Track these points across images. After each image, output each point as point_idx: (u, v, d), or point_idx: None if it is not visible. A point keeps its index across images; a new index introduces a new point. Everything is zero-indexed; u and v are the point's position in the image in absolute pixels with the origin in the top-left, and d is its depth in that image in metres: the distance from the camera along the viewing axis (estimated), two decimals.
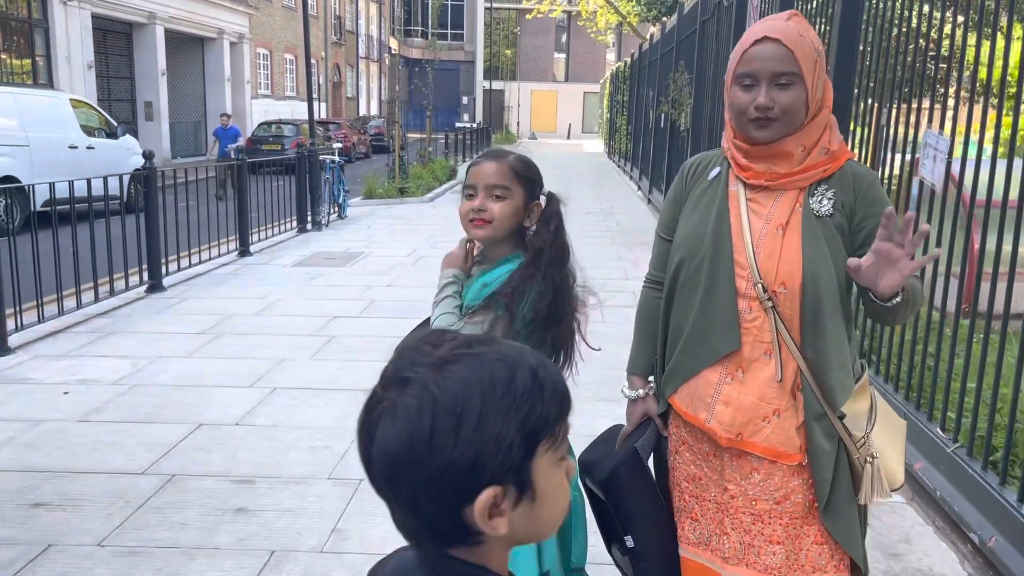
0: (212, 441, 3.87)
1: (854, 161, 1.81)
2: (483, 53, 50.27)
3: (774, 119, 1.72)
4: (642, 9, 22.89)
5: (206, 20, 23.97)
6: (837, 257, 1.74)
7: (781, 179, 1.77)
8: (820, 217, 1.75)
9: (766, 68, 1.71)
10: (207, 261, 8.04)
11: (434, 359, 0.83)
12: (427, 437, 0.79)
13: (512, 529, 0.83)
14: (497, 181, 1.90)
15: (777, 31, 1.72)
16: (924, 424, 3.36)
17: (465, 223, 1.92)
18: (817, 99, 1.74)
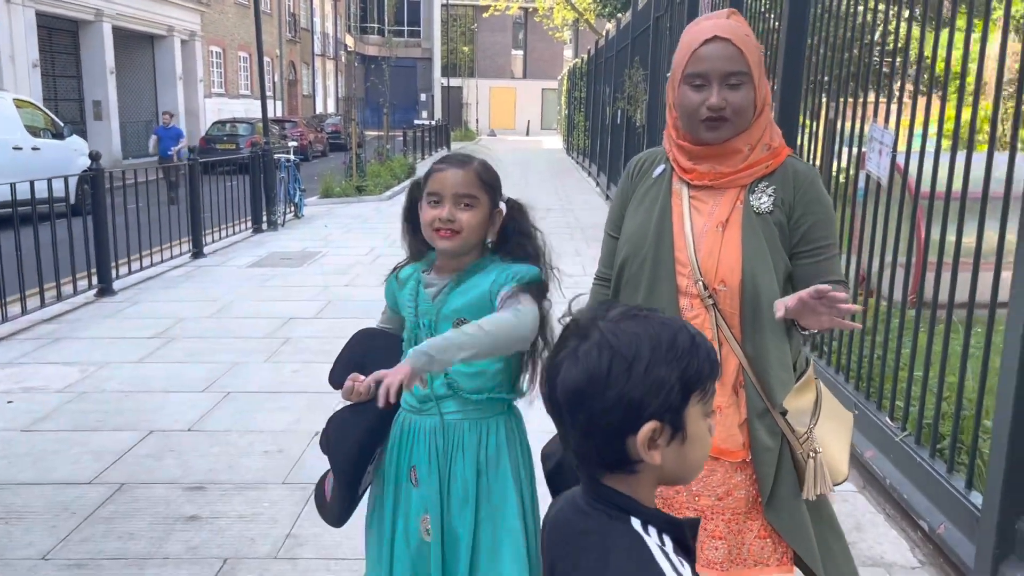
0: (163, 448, 3.79)
1: (794, 157, 1.82)
2: (440, 50, 50.04)
3: (727, 119, 1.72)
4: (597, 5, 22.96)
5: (156, 17, 23.51)
6: (776, 254, 1.76)
7: (725, 178, 1.78)
8: (760, 214, 1.76)
9: (717, 68, 1.71)
10: (159, 263, 7.89)
11: (611, 317, 1.03)
12: (604, 375, 0.98)
13: (663, 463, 1.01)
14: (465, 190, 1.81)
15: (725, 30, 1.72)
16: (874, 413, 3.42)
17: (430, 233, 1.83)
18: (761, 97, 1.76)
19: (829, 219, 1.80)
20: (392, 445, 1.91)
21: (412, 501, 1.87)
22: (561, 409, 1.02)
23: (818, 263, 1.78)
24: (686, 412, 1.00)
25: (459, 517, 1.84)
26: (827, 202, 1.80)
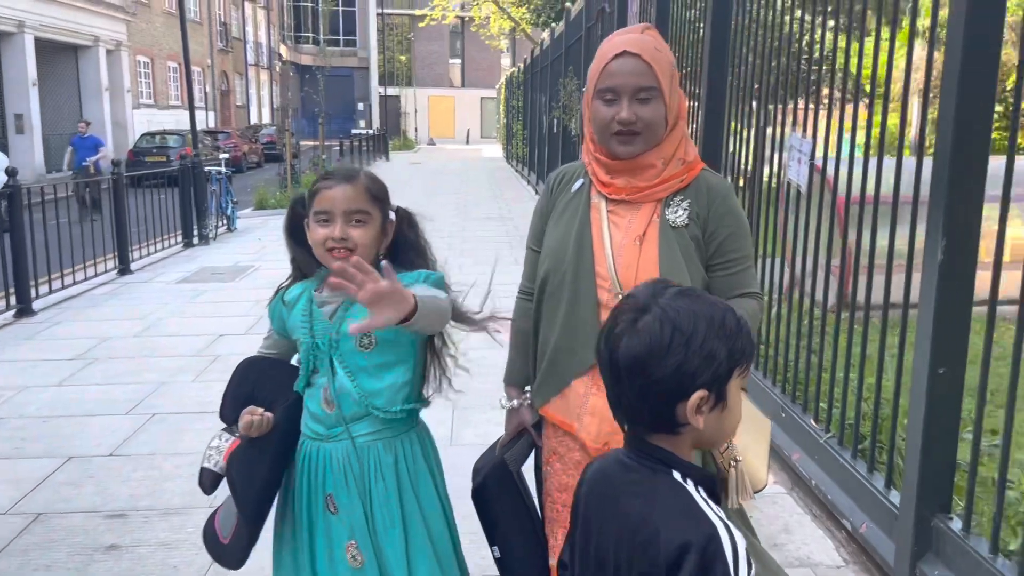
0: (83, 474, 3.65)
1: (708, 171, 1.85)
2: (377, 59, 49.76)
3: (637, 133, 1.74)
4: (532, 15, 23.12)
5: (80, 28, 22.85)
6: (692, 266, 1.78)
7: (641, 192, 1.80)
8: (676, 228, 1.78)
9: (627, 83, 1.72)
10: (83, 281, 7.63)
11: (668, 295, 1.17)
12: (665, 346, 1.12)
13: (704, 427, 1.16)
14: (356, 206, 1.75)
15: (636, 45, 1.74)
16: (800, 416, 3.49)
17: (321, 252, 1.76)
18: (674, 112, 1.78)
19: (742, 232, 1.82)
20: (300, 475, 1.85)
21: (333, 529, 1.81)
22: (620, 374, 1.16)
23: (732, 275, 1.81)
24: (728, 384, 1.16)
25: (387, 539, 1.80)
26: (740, 215, 1.83)
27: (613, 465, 1.25)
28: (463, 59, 52.84)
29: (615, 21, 7.41)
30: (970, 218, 2.38)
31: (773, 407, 3.71)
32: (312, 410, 1.84)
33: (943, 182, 2.38)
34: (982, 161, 2.38)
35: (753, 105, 4.31)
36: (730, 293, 1.80)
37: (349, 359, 1.79)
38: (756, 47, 4.22)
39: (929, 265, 2.43)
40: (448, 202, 15.51)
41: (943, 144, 2.40)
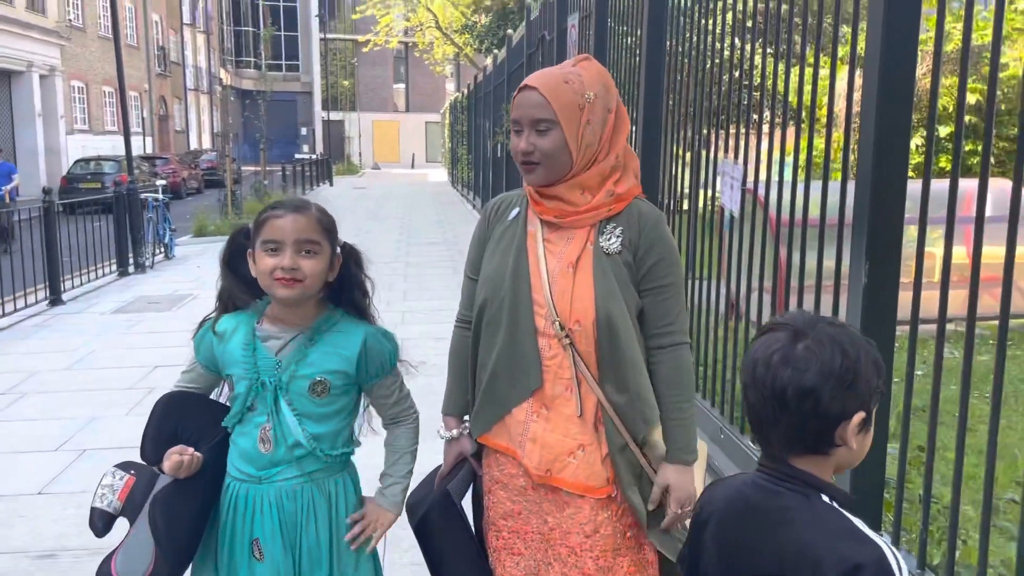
0: (11, 514, 3.52)
1: (642, 200, 1.88)
2: (320, 84, 49.53)
3: (536, 163, 1.79)
4: (475, 41, 23.32)
5: (12, 52, 22.31)
6: (627, 292, 1.80)
7: (569, 217, 1.83)
8: (609, 254, 1.80)
9: (526, 115, 1.79)
10: (11, 313, 7.38)
11: (826, 322, 1.24)
12: (836, 370, 1.18)
13: (856, 447, 1.23)
14: (307, 236, 1.74)
15: (538, 80, 1.80)
16: (737, 437, 3.54)
17: (268, 282, 1.74)
18: (587, 144, 1.80)
19: (672, 259, 1.85)
20: (225, 518, 1.80)
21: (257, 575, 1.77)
22: (788, 400, 1.19)
23: (661, 302, 1.83)
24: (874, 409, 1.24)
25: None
26: (670, 242, 1.86)
27: (752, 490, 1.27)
28: (407, 84, 52.93)
29: (555, 49, 7.52)
30: (891, 240, 2.46)
31: (712, 429, 3.77)
32: (243, 449, 1.80)
33: (865, 206, 2.47)
34: (901, 184, 2.47)
35: (688, 130, 4.41)
36: (660, 322, 1.83)
37: (298, 402, 1.77)
38: (689, 73, 4.32)
39: (854, 288, 2.51)
40: (393, 227, 15.45)
41: (864, 168, 2.49)
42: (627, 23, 5.32)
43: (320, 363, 1.78)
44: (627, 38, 5.48)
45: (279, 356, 1.78)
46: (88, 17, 28.36)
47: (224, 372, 1.83)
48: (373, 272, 1.95)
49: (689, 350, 1.88)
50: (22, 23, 22.69)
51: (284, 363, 1.77)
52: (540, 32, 8.66)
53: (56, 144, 24.71)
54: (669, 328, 1.83)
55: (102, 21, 29.56)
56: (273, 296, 1.77)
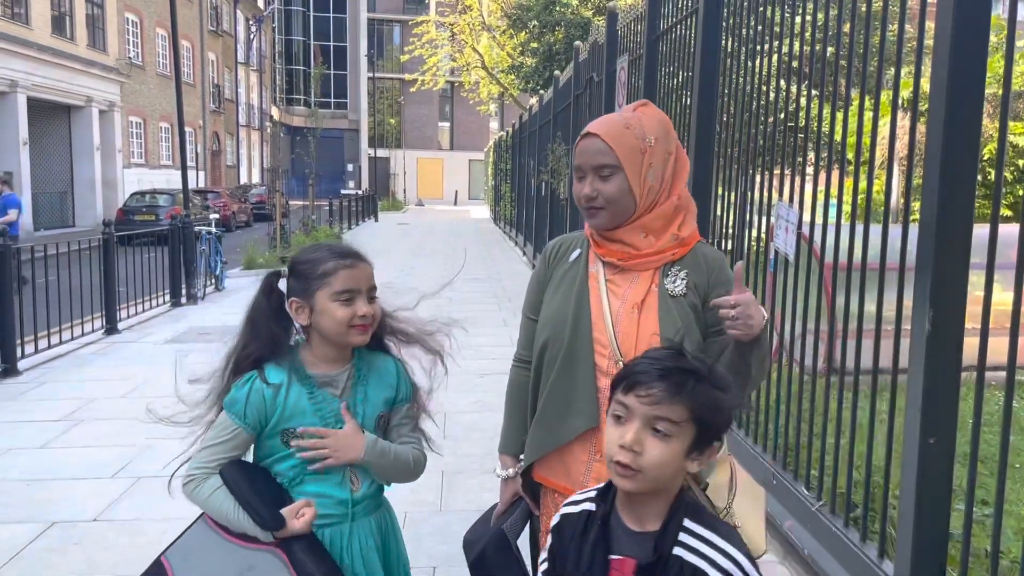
0: (67, 541, 3.58)
1: (704, 243, 1.91)
2: (367, 122, 50.51)
3: (600, 207, 1.83)
4: (521, 82, 23.62)
5: (73, 88, 23.14)
6: (692, 334, 1.81)
7: (633, 259, 1.85)
8: (675, 296, 1.83)
9: (588, 162, 1.84)
10: (69, 341, 7.58)
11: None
12: None
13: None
14: (372, 283, 1.86)
15: (599, 127, 1.85)
16: (791, 484, 3.48)
17: (344, 330, 1.79)
18: (649, 189, 1.83)
19: None
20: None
21: None
22: None
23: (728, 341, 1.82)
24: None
25: None
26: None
27: None
28: (452, 122, 53.72)
29: (603, 90, 7.59)
30: (956, 287, 2.42)
31: (764, 474, 3.70)
32: (326, 493, 1.83)
33: (929, 253, 2.44)
34: (966, 230, 2.44)
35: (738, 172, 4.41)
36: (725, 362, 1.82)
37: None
38: (740, 115, 4.34)
39: (917, 336, 2.47)
40: (437, 263, 15.59)
41: (928, 215, 2.47)
42: (679, 66, 5.36)
43: (376, 397, 1.86)
44: (676, 80, 5.52)
45: (343, 399, 1.84)
46: (147, 55, 29.36)
47: (280, 427, 1.79)
48: (420, 310, 2.01)
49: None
50: (83, 60, 23.56)
51: (351, 404, 1.83)
52: (588, 74, 8.76)
53: (113, 177, 25.48)
54: None
55: (160, 59, 30.58)
56: (347, 343, 1.83)
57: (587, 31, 18.34)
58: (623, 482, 1.39)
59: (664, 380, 1.39)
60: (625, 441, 1.37)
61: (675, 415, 1.38)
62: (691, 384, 1.39)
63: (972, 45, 2.38)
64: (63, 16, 22.92)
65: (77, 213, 24.42)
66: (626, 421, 1.40)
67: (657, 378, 1.39)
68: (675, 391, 1.38)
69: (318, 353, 1.85)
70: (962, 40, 2.37)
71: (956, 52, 2.38)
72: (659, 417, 1.37)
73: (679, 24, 5.24)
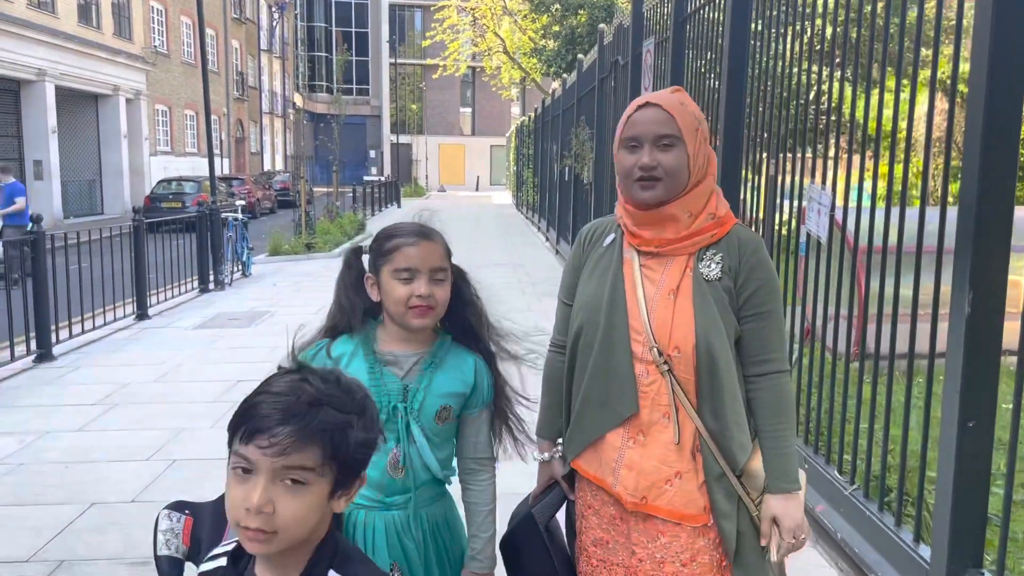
0: (106, 521, 3.65)
1: (740, 225, 1.88)
2: (389, 108, 50.55)
3: (659, 179, 1.78)
4: (543, 66, 23.51)
5: (100, 77, 23.34)
6: (727, 319, 1.79)
7: (670, 245, 1.82)
8: (709, 281, 1.80)
9: (648, 131, 1.78)
10: (102, 326, 7.69)
11: None
12: None
13: None
14: (438, 264, 1.75)
15: (658, 98, 1.82)
16: (823, 468, 3.47)
17: (402, 310, 1.72)
18: (699, 165, 1.81)
19: (772, 286, 1.84)
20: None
21: None
22: None
23: (761, 328, 1.81)
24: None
25: None
26: (769, 268, 1.85)
27: None
28: (473, 108, 53.63)
29: (629, 73, 7.54)
30: (997, 270, 2.40)
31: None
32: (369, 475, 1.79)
33: (969, 235, 2.41)
34: (1007, 212, 2.41)
35: (768, 154, 4.37)
36: (759, 350, 1.80)
37: (428, 426, 1.78)
38: (766, 97, 4.30)
39: (956, 318, 2.45)
40: (459, 249, 15.56)
41: (968, 197, 2.44)
42: (706, 48, 5.31)
43: (444, 388, 1.79)
44: (703, 62, 5.48)
45: (404, 381, 1.77)
46: (172, 43, 29.54)
47: None
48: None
49: (789, 378, 1.85)
50: (110, 48, 23.76)
51: (412, 388, 1.77)
52: (613, 57, 8.70)
53: (140, 165, 25.72)
54: (770, 356, 1.81)
55: (185, 47, 30.76)
56: (406, 324, 1.75)
57: (610, 13, 18.22)
58: (258, 547, 1.17)
59: (290, 422, 1.15)
60: (251, 504, 1.13)
61: (309, 460, 1.15)
62: (322, 418, 1.17)
63: (1014, 23, 2.34)
64: (89, 5, 23.11)
65: (105, 201, 24.71)
66: (251, 477, 1.15)
67: (279, 421, 1.14)
68: (306, 433, 1.15)
69: (390, 331, 1.79)
70: (1003, 18, 2.33)
71: (997, 30, 2.34)
72: (290, 467, 1.15)
73: (707, 5, 5.19)
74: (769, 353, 1.81)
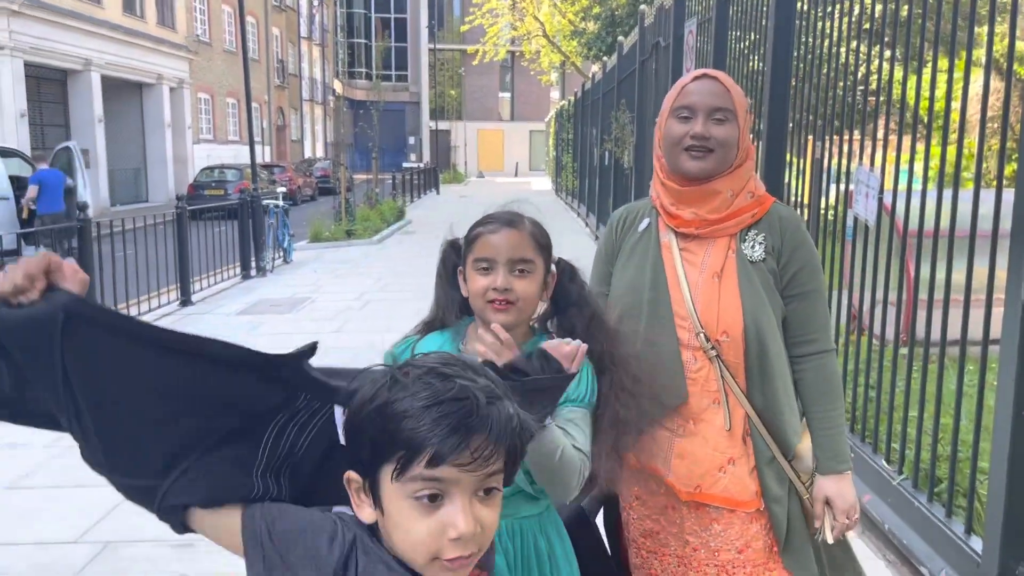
0: None
1: (779, 203, 1.84)
2: (428, 94, 50.62)
3: (711, 150, 1.74)
4: (583, 49, 23.31)
5: (145, 66, 23.72)
6: (773, 300, 1.76)
7: (711, 225, 1.78)
8: (754, 262, 1.76)
9: (704, 102, 1.74)
10: (147, 313, 7.82)
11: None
12: None
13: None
14: (521, 254, 1.56)
15: (715, 72, 1.79)
16: (870, 457, 3.39)
17: (481, 304, 1.56)
18: (746, 145, 1.78)
19: (814, 264, 1.81)
20: None
21: None
22: None
23: (806, 307, 1.79)
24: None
25: None
26: (811, 247, 1.82)
27: None
28: (512, 93, 53.44)
29: (671, 55, 7.43)
30: None
31: None
32: None
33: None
34: None
35: (815, 137, 4.27)
36: (804, 329, 1.78)
37: None
38: (813, 79, 4.19)
39: (1012, 306, 2.36)
40: None
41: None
42: (750, 29, 5.19)
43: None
44: (746, 43, 5.36)
45: None
46: (215, 32, 29.89)
47: None
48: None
49: (835, 356, 1.82)
50: (154, 38, 24.12)
51: None
52: (655, 39, 8.57)
53: (183, 153, 26.13)
54: (814, 336, 1.79)
55: (227, 36, 31.11)
56: (486, 320, 1.57)
57: None
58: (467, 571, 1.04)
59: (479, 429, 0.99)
60: (461, 531, 0.98)
61: (500, 462, 1.02)
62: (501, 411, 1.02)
63: None
64: None
65: (151, 188, 25.16)
66: (442, 502, 0.99)
67: (471, 430, 0.98)
68: (499, 434, 1.00)
69: (481, 327, 1.59)
70: None
71: None
72: (490, 475, 1.01)
73: None
74: (814, 333, 1.79)
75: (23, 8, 17.53)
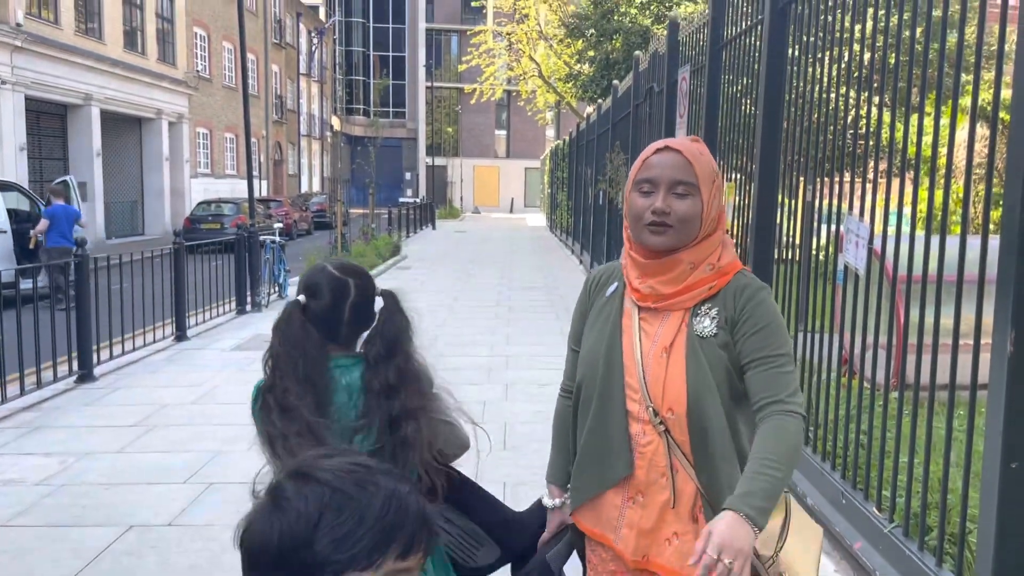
0: (143, 544, 3.70)
1: (744, 273, 1.79)
2: (425, 130, 51.06)
3: (670, 225, 1.72)
4: (578, 90, 23.60)
5: (144, 101, 23.91)
6: (720, 378, 1.72)
7: (666, 300, 1.76)
8: (703, 338, 1.73)
9: (665, 175, 1.73)
10: (141, 347, 7.82)
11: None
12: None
13: None
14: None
15: (678, 143, 1.77)
16: (861, 503, 3.40)
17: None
18: (712, 218, 1.76)
19: (775, 327, 1.73)
20: None
21: None
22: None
23: (764, 372, 1.69)
24: None
25: None
26: (774, 312, 1.75)
27: None
28: (508, 130, 53.93)
29: (664, 101, 7.55)
30: None
31: (832, 493, 3.63)
32: None
33: (1011, 272, 2.37)
34: None
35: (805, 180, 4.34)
36: (764, 393, 1.68)
37: None
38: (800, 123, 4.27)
39: (998, 358, 2.40)
40: (494, 272, 15.65)
41: (1010, 232, 2.39)
42: (743, 74, 5.30)
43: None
44: (738, 88, 5.46)
45: None
46: (214, 67, 30.17)
47: None
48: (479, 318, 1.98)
49: (801, 423, 1.67)
50: (154, 74, 24.33)
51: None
52: (649, 84, 8.71)
53: (181, 186, 26.24)
54: (775, 398, 1.67)
55: (227, 72, 31.40)
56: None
57: (646, 39, 18.26)
58: None
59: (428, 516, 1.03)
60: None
61: None
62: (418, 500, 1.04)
63: None
64: (135, 31, 23.72)
65: (147, 221, 25.22)
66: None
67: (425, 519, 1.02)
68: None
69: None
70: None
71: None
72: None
73: (744, 34, 5.18)
74: (775, 395, 1.67)
75: (26, 44, 17.71)
